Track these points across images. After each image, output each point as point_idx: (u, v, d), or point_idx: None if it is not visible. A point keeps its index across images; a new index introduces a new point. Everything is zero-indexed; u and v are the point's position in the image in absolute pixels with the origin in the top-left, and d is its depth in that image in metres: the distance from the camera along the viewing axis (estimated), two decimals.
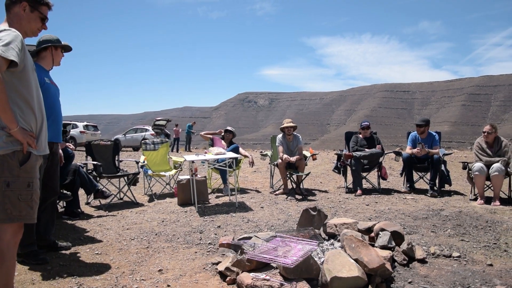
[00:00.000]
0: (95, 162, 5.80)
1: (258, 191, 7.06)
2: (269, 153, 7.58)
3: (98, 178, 5.69)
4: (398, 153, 7.13)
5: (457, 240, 3.77)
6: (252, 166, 7.26)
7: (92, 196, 5.68)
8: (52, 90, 3.46)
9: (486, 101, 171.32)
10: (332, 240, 3.34)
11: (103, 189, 5.42)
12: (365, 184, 7.07)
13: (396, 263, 3.04)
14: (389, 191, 6.82)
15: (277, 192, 6.73)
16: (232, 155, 6.04)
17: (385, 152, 7.19)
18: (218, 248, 3.50)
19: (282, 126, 7.01)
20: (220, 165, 6.34)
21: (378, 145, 6.93)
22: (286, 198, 6.29)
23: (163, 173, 6.82)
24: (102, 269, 3.12)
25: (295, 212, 5.12)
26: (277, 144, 6.94)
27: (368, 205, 5.62)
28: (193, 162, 5.72)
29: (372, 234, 3.35)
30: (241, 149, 7.29)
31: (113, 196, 5.80)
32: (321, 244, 3.17)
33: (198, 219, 4.87)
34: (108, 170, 6.06)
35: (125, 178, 6.12)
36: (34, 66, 2.46)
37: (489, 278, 2.80)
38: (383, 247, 3.10)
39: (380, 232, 3.25)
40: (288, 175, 6.65)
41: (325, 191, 7.01)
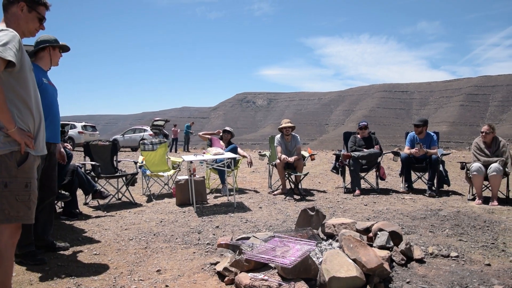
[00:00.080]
0: (93, 163, 5.80)
1: (257, 191, 7.06)
2: (268, 153, 7.58)
3: (96, 179, 5.68)
4: (397, 153, 7.14)
5: (455, 240, 3.77)
6: (251, 166, 7.27)
7: (90, 197, 5.69)
8: (50, 91, 3.45)
9: (484, 101, 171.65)
10: (331, 240, 3.35)
11: (101, 190, 5.41)
12: (364, 184, 7.09)
13: (394, 263, 3.04)
14: (387, 191, 6.83)
15: (276, 192, 6.73)
16: (231, 155, 6.04)
17: (384, 152, 7.20)
18: (217, 249, 3.50)
19: (281, 127, 7.02)
20: (219, 166, 6.34)
21: (376, 145, 6.94)
22: (285, 198, 6.29)
23: (162, 174, 6.82)
24: (100, 270, 3.11)
25: (294, 212, 5.12)
26: (276, 144, 6.95)
27: (367, 205, 5.63)
28: (192, 163, 5.71)
29: (370, 234, 3.36)
30: (240, 149, 7.29)
31: (111, 197, 5.79)
32: (320, 244, 3.17)
33: (197, 220, 4.87)
34: (107, 171, 6.06)
35: (124, 179, 6.12)
36: (32, 66, 2.46)
37: (487, 278, 2.81)
38: (381, 247, 3.11)
39: (378, 232, 3.26)
40: (287, 175, 6.65)
41: (324, 191, 7.01)
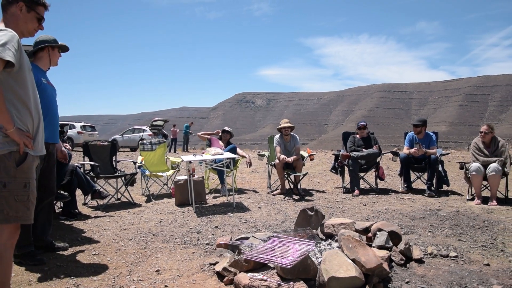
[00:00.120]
0: (93, 163, 5.79)
1: (256, 192, 7.06)
2: (267, 154, 7.58)
3: (96, 179, 5.68)
4: (396, 153, 7.15)
5: (454, 240, 3.78)
6: (250, 167, 7.26)
7: (90, 197, 5.69)
8: (49, 91, 3.45)
9: (483, 101, 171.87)
10: (330, 240, 3.35)
11: (101, 190, 5.41)
12: (363, 184, 7.09)
13: (394, 263, 3.04)
14: (387, 191, 6.83)
15: (275, 193, 6.73)
16: (230, 156, 6.04)
17: (383, 152, 7.20)
18: (216, 249, 3.50)
19: (280, 127, 7.02)
20: (218, 166, 6.34)
21: (375, 145, 6.94)
22: (284, 199, 6.29)
23: (161, 174, 6.81)
24: (100, 270, 3.11)
25: (293, 212, 5.12)
26: (275, 145, 6.95)
27: (366, 205, 5.63)
28: (191, 163, 5.71)
29: (370, 234, 3.36)
30: (239, 150, 7.30)
31: (111, 197, 5.78)
32: (319, 244, 3.17)
33: (196, 220, 4.86)
34: (106, 171, 6.05)
35: (123, 179, 6.11)
36: (31, 67, 2.45)
37: (486, 278, 2.81)
38: (381, 247, 3.11)
39: (378, 232, 3.26)
40: (286, 176, 6.65)
41: (323, 191, 7.02)
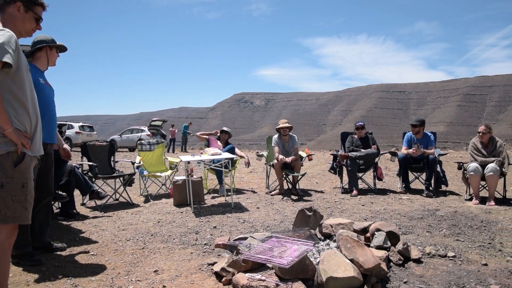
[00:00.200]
0: (91, 163, 5.78)
1: (254, 192, 7.06)
2: (265, 154, 7.58)
3: (94, 179, 5.66)
4: (394, 154, 7.15)
5: (452, 240, 3.78)
6: (248, 167, 7.26)
7: (88, 197, 5.68)
8: (47, 91, 3.44)
9: (482, 102, 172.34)
10: (328, 241, 3.35)
11: (99, 190, 5.41)
12: (361, 185, 7.10)
13: (392, 263, 3.05)
14: (385, 192, 6.84)
15: (273, 193, 6.73)
16: (228, 156, 6.04)
17: (381, 153, 7.21)
18: (214, 249, 3.50)
19: (278, 127, 7.02)
20: (216, 166, 6.34)
21: (374, 146, 6.95)
22: (282, 199, 6.29)
23: (159, 174, 6.80)
24: (98, 270, 3.10)
25: (291, 213, 5.12)
26: (273, 145, 6.95)
27: (364, 206, 5.63)
28: (189, 163, 5.71)
29: (368, 234, 3.36)
30: (237, 150, 7.30)
31: (109, 197, 5.78)
32: (317, 245, 3.18)
33: (194, 220, 4.86)
34: (104, 171, 6.04)
35: (121, 179, 6.10)
36: (28, 67, 2.45)
37: (484, 278, 2.81)
38: (379, 247, 3.11)
39: (376, 232, 3.26)
40: (284, 176, 6.65)
41: (321, 192, 7.02)
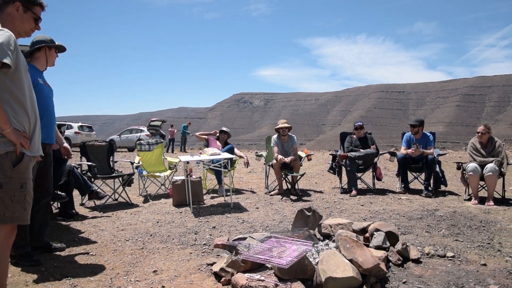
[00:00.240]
0: (90, 163, 5.77)
1: (253, 192, 7.06)
2: (264, 154, 7.58)
3: (93, 179, 5.66)
4: (393, 154, 7.16)
5: (451, 240, 3.79)
6: (247, 167, 7.26)
7: (87, 197, 5.67)
8: (46, 91, 3.44)
9: (481, 102, 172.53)
10: (327, 241, 3.35)
11: (98, 190, 5.40)
12: (360, 185, 7.10)
13: (391, 263, 3.05)
14: (384, 192, 6.84)
15: (272, 193, 6.73)
16: (227, 156, 6.04)
17: (380, 153, 7.21)
18: (213, 249, 3.49)
19: (277, 127, 7.02)
20: (215, 166, 6.33)
21: (373, 146, 6.95)
22: (281, 199, 6.29)
23: (158, 174, 6.80)
24: (97, 270, 3.10)
25: (290, 213, 5.12)
26: (272, 145, 6.95)
27: (363, 206, 5.64)
28: (188, 163, 5.71)
29: (367, 235, 3.37)
30: (236, 150, 7.30)
31: (108, 197, 5.77)
32: (316, 245, 3.18)
33: (193, 220, 4.86)
34: (103, 171, 6.03)
35: (120, 179, 6.10)
36: (27, 67, 2.44)
37: (483, 278, 2.82)
38: (378, 248, 3.11)
39: (375, 233, 3.26)
40: (283, 176, 6.65)
41: (320, 192, 7.02)
